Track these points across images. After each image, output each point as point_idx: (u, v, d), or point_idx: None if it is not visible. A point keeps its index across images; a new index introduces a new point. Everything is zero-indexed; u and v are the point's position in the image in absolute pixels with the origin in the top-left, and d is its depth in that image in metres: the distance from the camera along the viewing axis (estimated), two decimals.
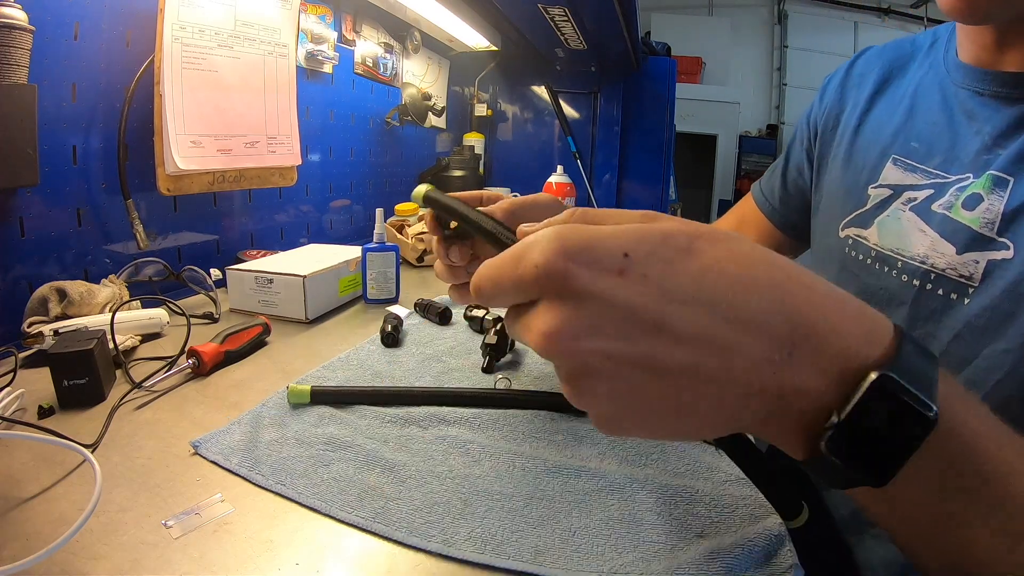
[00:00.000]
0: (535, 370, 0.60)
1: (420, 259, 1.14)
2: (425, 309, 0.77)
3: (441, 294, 0.84)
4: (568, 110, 2.06)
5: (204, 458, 0.41)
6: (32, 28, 0.61)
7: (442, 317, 0.74)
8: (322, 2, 1.17)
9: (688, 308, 0.22)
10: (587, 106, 2.05)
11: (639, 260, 0.22)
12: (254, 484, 0.38)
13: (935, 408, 0.22)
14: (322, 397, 0.49)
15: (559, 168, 1.20)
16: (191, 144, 0.82)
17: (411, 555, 0.32)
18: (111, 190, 0.77)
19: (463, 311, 0.75)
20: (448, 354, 0.63)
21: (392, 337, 0.65)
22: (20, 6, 0.60)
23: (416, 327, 0.72)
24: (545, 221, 0.27)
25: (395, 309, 0.80)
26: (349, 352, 0.62)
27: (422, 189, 0.43)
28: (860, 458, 0.22)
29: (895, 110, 0.57)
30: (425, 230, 1.16)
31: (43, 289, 0.63)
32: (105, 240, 0.78)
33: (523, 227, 0.30)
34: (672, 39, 2.95)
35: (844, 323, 0.23)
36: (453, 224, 0.45)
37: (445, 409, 0.49)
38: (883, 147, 0.56)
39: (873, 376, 0.22)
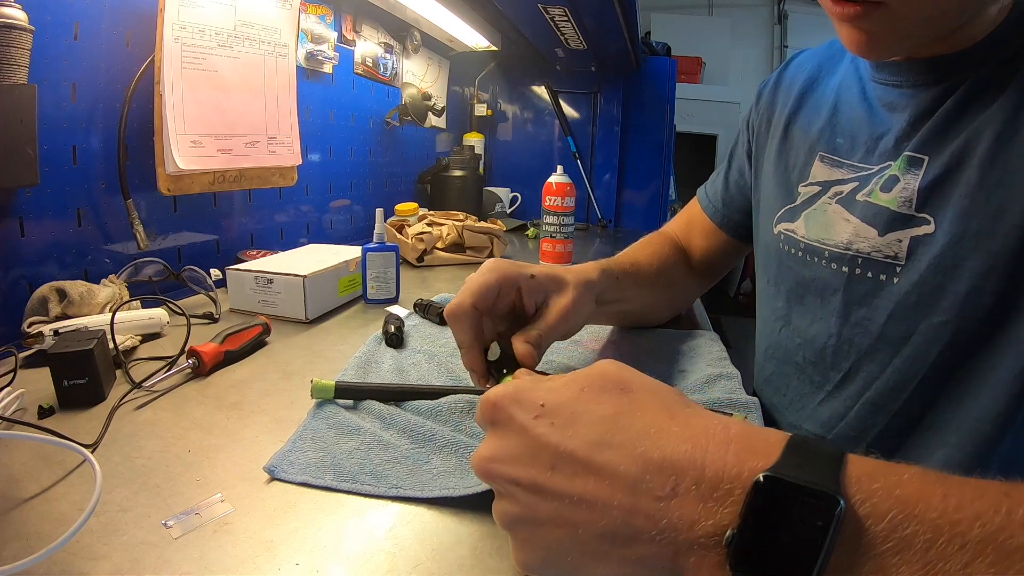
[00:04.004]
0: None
1: (420, 259, 1.14)
2: (425, 309, 0.77)
3: (441, 293, 0.84)
4: (568, 110, 2.06)
5: (286, 481, 0.38)
6: (32, 28, 0.61)
7: (442, 318, 0.74)
8: (322, 2, 1.17)
9: (581, 453, 0.26)
10: (587, 106, 2.05)
11: (550, 409, 0.27)
12: (362, 495, 0.37)
13: (836, 493, 0.21)
14: (348, 393, 0.49)
15: (559, 168, 1.20)
16: (191, 144, 0.82)
17: (411, 555, 0.32)
18: (111, 190, 0.77)
19: None
20: (453, 355, 0.63)
21: (396, 338, 0.65)
22: (20, 6, 0.60)
23: (417, 327, 0.71)
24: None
25: (395, 309, 0.80)
26: (357, 353, 0.61)
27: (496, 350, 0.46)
28: (774, 567, 0.21)
29: (821, 108, 0.57)
30: (426, 230, 1.16)
31: (43, 289, 0.63)
32: (105, 240, 0.78)
33: (519, 372, 0.39)
34: (672, 39, 2.95)
35: (720, 448, 0.24)
36: (491, 357, 0.47)
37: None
38: (811, 145, 0.57)
39: (760, 478, 0.22)
